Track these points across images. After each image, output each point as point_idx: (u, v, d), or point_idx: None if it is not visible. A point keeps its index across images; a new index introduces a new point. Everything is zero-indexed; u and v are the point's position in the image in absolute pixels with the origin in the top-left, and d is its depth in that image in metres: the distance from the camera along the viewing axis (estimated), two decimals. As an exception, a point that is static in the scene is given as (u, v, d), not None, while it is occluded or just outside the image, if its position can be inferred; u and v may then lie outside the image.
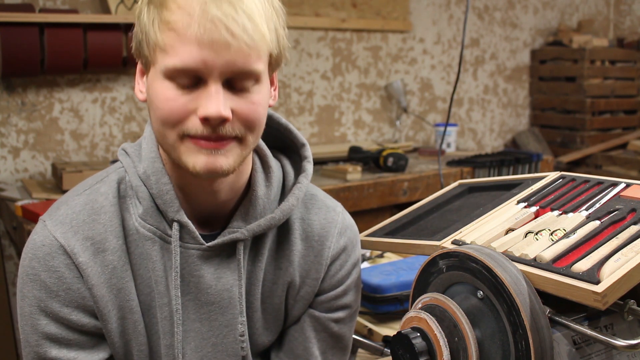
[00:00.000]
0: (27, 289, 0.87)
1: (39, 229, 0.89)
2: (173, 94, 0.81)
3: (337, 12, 3.26)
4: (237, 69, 0.81)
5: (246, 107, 0.83)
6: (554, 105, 4.06)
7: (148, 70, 0.86)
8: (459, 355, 0.75)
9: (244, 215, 0.93)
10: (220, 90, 0.81)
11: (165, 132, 0.84)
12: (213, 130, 0.82)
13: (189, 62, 0.79)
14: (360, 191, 2.52)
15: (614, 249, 0.74)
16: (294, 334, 1.02)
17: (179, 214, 0.89)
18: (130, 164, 0.92)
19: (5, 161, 2.48)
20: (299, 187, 0.97)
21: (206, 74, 0.80)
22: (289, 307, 1.01)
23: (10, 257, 2.49)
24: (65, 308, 0.87)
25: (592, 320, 0.76)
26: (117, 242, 0.89)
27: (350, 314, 1.04)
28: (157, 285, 0.91)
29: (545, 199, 0.94)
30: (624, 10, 4.46)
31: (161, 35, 0.81)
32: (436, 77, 3.71)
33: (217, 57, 0.79)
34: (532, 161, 2.95)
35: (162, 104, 0.82)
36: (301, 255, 0.98)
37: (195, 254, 0.91)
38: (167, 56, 0.80)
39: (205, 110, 0.80)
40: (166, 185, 0.89)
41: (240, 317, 0.93)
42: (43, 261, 0.86)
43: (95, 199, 0.90)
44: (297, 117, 3.22)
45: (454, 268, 0.79)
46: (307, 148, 1.01)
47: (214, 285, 0.92)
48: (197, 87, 0.81)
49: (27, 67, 2.34)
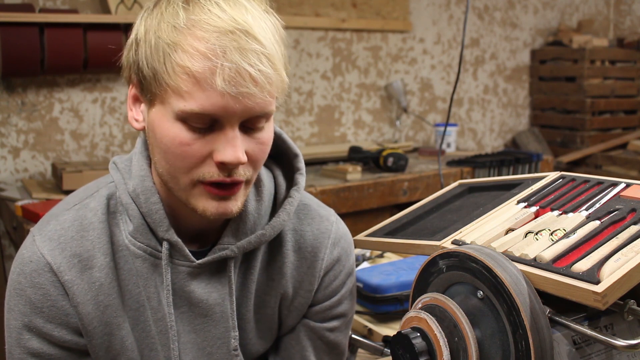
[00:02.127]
0: (14, 303, 0.87)
1: (28, 244, 0.88)
2: (187, 137, 0.79)
3: (337, 12, 3.26)
4: (256, 113, 0.79)
5: (257, 148, 0.83)
6: (554, 105, 4.06)
7: (152, 104, 0.82)
8: (459, 355, 0.75)
9: (234, 231, 0.92)
10: (237, 135, 0.79)
11: (177, 176, 0.82)
12: (229, 174, 0.81)
13: (209, 109, 0.77)
14: (360, 191, 2.52)
15: (614, 249, 0.74)
16: (290, 342, 1.02)
17: (168, 233, 0.88)
18: (120, 181, 0.91)
19: (5, 161, 2.48)
20: (290, 201, 0.95)
21: (225, 120, 0.78)
22: (282, 317, 1.01)
23: (10, 257, 2.49)
24: (48, 324, 0.87)
25: (592, 320, 0.76)
26: (105, 259, 0.88)
27: (346, 322, 1.04)
28: (150, 301, 0.90)
29: (545, 199, 0.94)
30: (624, 10, 4.46)
31: (176, 78, 0.77)
32: (436, 77, 3.71)
33: (238, 103, 0.77)
34: (532, 161, 2.95)
35: (175, 148, 0.80)
36: (294, 267, 0.98)
37: (185, 271, 0.90)
38: (183, 100, 0.77)
39: (223, 156, 0.79)
40: (155, 204, 0.88)
41: (233, 332, 0.93)
42: (29, 277, 0.86)
43: (84, 215, 0.89)
44: (297, 117, 3.22)
45: (454, 268, 0.79)
46: (300, 159, 0.99)
47: (206, 299, 0.92)
48: (213, 130, 0.79)
49: (27, 67, 2.34)
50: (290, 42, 3.11)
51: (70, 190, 2.21)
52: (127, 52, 0.85)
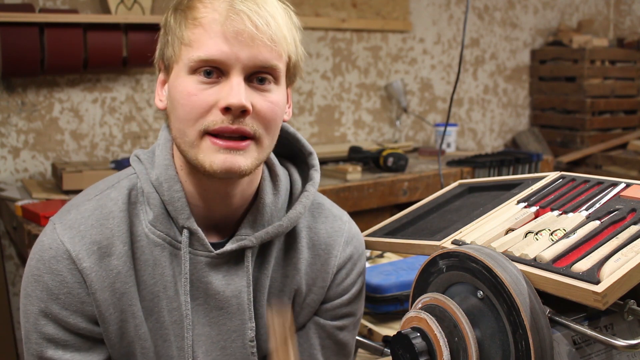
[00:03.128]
0: (31, 289, 0.88)
1: (49, 231, 0.90)
2: (195, 88, 0.84)
3: (337, 12, 3.26)
4: (259, 62, 0.84)
5: (265, 104, 0.86)
6: (554, 105, 4.06)
7: (170, 73, 0.89)
8: (459, 355, 0.75)
9: (252, 223, 0.94)
10: (242, 83, 0.84)
11: (185, 130, 0.86)
12: (233, 121, 0.83)
13: (214, 53, 0.83)
14: (360, 191, 2.52)
15: (614, 249, 0.74)
16: (298, 341, 1.02)
17: (189, 221, 0.90)
18: (143, 171, 0.93)
19: (5, 161, 2.48)
20: (306, 195, 0.98)
21: (229, 66, 0.83)
22: (294, 313, 1.01)
23: (10, 257, 2.49)
24: (64, 311, 0.88)
25: (592, 320, 0.76)
26: (124, 247, 0.89)
27: (354, 321, 1.05)
28: (167, 290, 0.91)
29: (545, 199, 0.94)
30: (624, 10, 4.46)
31: (187, 32, 0.85)
32: (436, 77, 3.71)
33: (241, 49, 0.83)
34: (532, 161, 2.95)
35: (184, 99, 0.85)
36: (308, 264, 0.99)
37: (203, 261, 0.91)
38: (192, 50, 0.84)
39: (226, 100, 0.82)
40: (178, 192, 0.90)
41: (250, 323, 0.94)
42: (48, 264, 0.87)
43: (104, 204, 0.91)
44: (297, 117, 3.22)
45: (454, 268, 0.79)
46: (314, 157, 1.03)
47: (223, 291, 0.93)
48: (219, 80, 0.84)
49: (27, 67, 2.34)
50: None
51: (70, 190, 2.21)
52: (158, 41, 0.92)
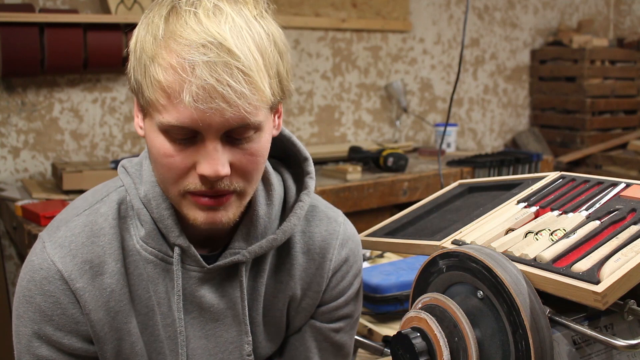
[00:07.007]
0: (23, 310, 0.87)
1: (38, 250, 0.88)
2: (170, 149, 0.79)
3: (337, 12, 3.26)
4: (235, 124, 0.77)
5: (245, 160, 0.81)
6: (554, 105, 4.06)
7: (145, 115, 0.83)
8: (459, 355, 0.75)
9: (245, 236, 0.91)
10: (218, 148, 0.78)
11: (167, 186, 0.83)
12: (211, 186, 0.80)
13: (184, 122, 0.76)
14: (360, 191, 2.52)
15: (614, 249, 0.74)
16: (295, 344, 1.02)
17: (180, 239, 0.88)
18: (131, 185, 0.90)
19: (5, 161, 2.48)
20: (300, 205, 0.95)
21: (204, 132, 0.77)
22: (290, 318, 1.01)
23: (10, 257, 2.49)
24: (58, 332, 0.86)
25: (592, 320, 0.76)
26: (116, 265, 0.88)
27: (352, 323, 1.04)
28: (160, 306, 0.90)
29: (545, 199, 0.94)
30: (624, 10, 4.46)
31: (153, 93, 0.77)
32: (436, 77, 3.71)
33: (213, 120, 0.76)
34: (532, 161, 2.95)
35: (160, 159, 0.81)
36: (302, 269, 0.98)
37: (196, 276, 0.90)
38: (160, 114, 0.77)
39: (202, 169, 0.78)
40: (166, 210, 0.88)
41: (246, 337, 0.93)
42: (39, 284, 0.86)
43: (94, 220, 0.89)
44: (297, 117, 3.22)
45: (454, 268, 0.79)
46: (309, 163, 0.99)
47: (217, 303, 0.92)
48: (195, 142, 0.79)
49: (27, 67, 2.34)
50: (290, 42, 3.10)
51: (70, 190, 2.21)
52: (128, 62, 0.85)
